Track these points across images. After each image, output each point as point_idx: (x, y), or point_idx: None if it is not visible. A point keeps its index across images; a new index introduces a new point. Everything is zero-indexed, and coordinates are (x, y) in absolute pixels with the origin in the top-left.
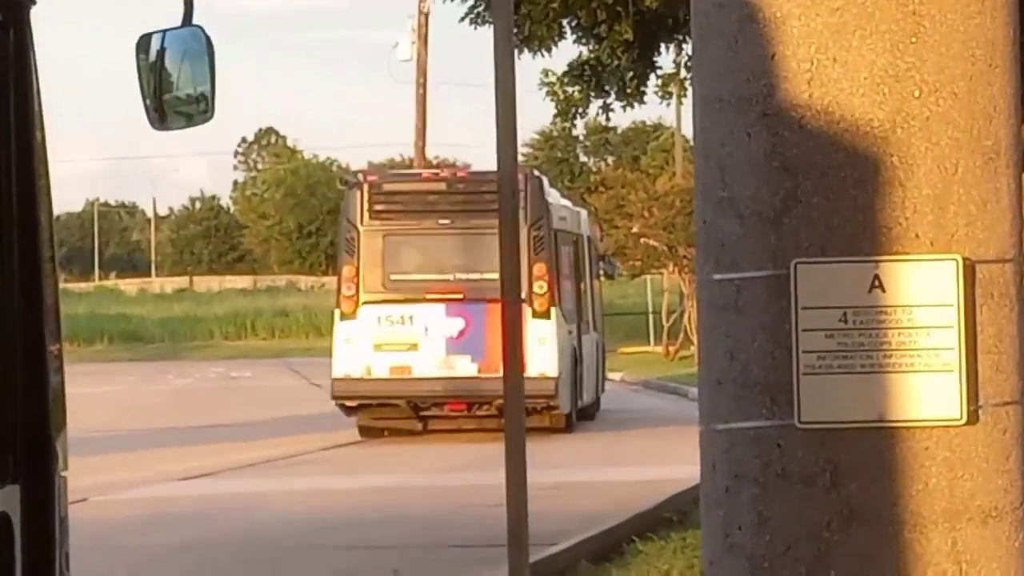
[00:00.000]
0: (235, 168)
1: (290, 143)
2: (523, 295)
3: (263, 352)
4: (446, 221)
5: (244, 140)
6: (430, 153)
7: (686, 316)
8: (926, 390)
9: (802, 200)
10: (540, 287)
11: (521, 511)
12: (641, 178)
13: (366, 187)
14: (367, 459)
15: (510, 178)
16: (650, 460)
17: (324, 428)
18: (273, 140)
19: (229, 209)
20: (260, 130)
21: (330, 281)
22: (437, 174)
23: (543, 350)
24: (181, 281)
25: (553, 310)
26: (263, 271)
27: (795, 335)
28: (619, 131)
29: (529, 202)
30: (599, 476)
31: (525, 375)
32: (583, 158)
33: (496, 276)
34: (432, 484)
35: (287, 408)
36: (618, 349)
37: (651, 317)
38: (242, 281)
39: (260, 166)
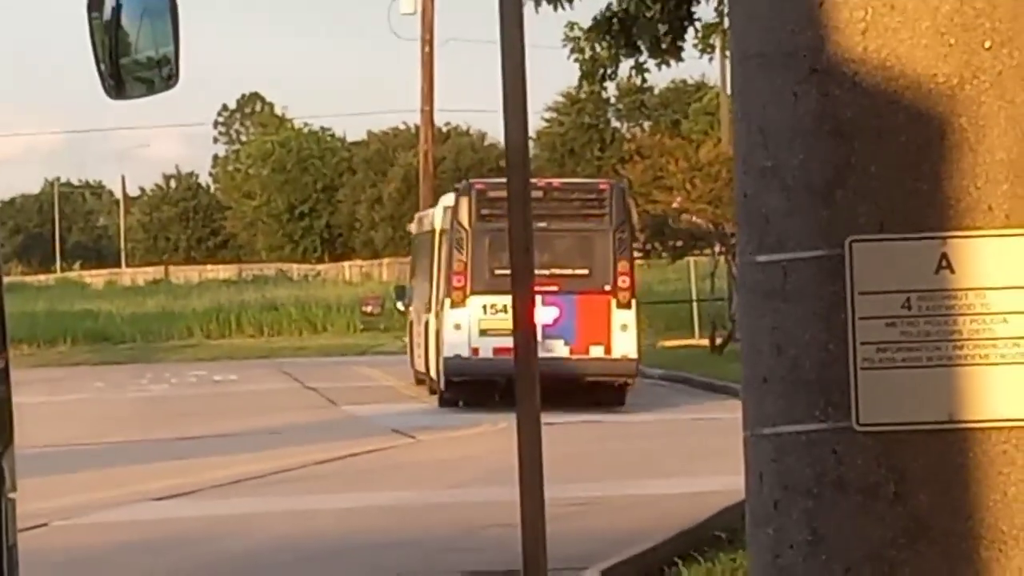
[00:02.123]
0: (215, 141)
1: (278, 111)
2: (609, 288)
3: (250, 352)
4: (542, 224)
5: (225, 108)
6: (439, 120)
7: (735, 304)
8: (1003, 385)
9: (857, 169)
10: (623, 282)
11: (538, 528)
12: (682, 145)
13: (474, 194)
14: (372, 473)
15: (519, 150)
16: (694, 469)
17: (321, 438)
18: (258, 108)
19: (209, 188)
20: (243, 96)
21: (327, 269)
22: (535, 183)
23: (625, 336)
24: (155, 272)
25: (634, 301)
26: (249, 259)
27: (851, 324)
28: (656, 92)
29: (613, 208)
30: (635, 489)
31: (611, 357)
32: (615, 123)
33: (586, 271)
34: (448, 500)
35: (279, 416)
36: (657, 342)
37: (695, 305)
38: (225, 271)
39: (244, 138)
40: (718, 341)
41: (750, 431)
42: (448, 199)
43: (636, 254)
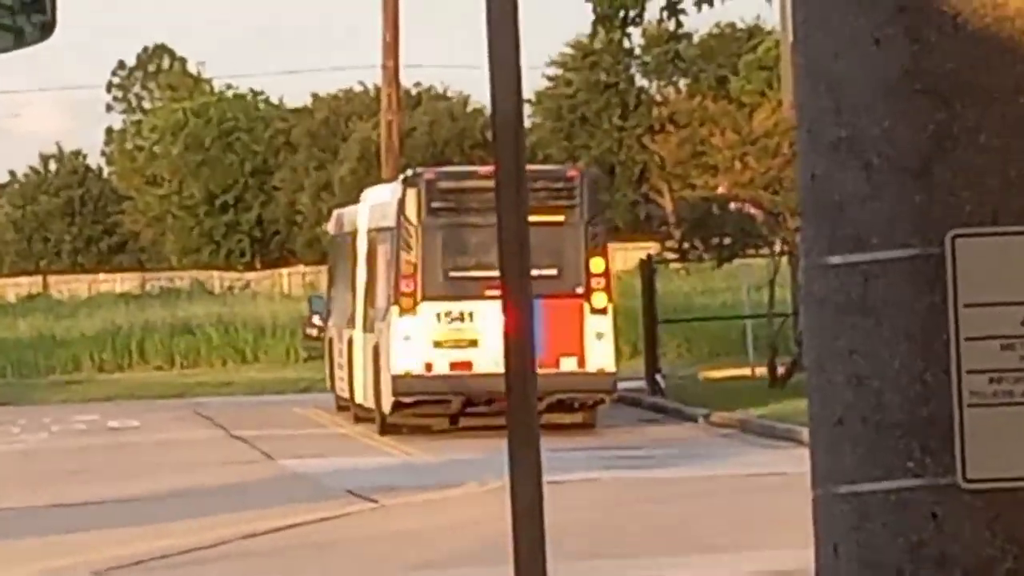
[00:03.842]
0: (108, 109)
1: (192, 68)
2: (581, 290)
3: (157, 389)
4: None
5: (121, 66)
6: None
7: (801, 321)
8: None
9: (961, 140)
10: (598, 283)
11: None
12: (730, 111)
13: (423, 185)
14: (320, 550)
15: (510, 117)
16: (749, 541)
17: (252, 503)
18: (165, 64)
19: (101, 172)
20: (145, 50)
21: (258, 279)
22: (494, 170)
23: (601, 345)
24: (30, 283)
25: (610, 306)
26: (155, 266)
27: (955, 347)
28: (695, 40)
29: (585, 199)
30: (671, 568)
31: (584, 370)
32: (641, 81)
33: (554, 272)
34: None
35: (195, 474)
36: (700, 372)
37: (749, 324)
38: (124, 281)
39: (147, 105)
40: (779, 370)
41: (822, 489)
42: (377, 193)
43: (671, 255)
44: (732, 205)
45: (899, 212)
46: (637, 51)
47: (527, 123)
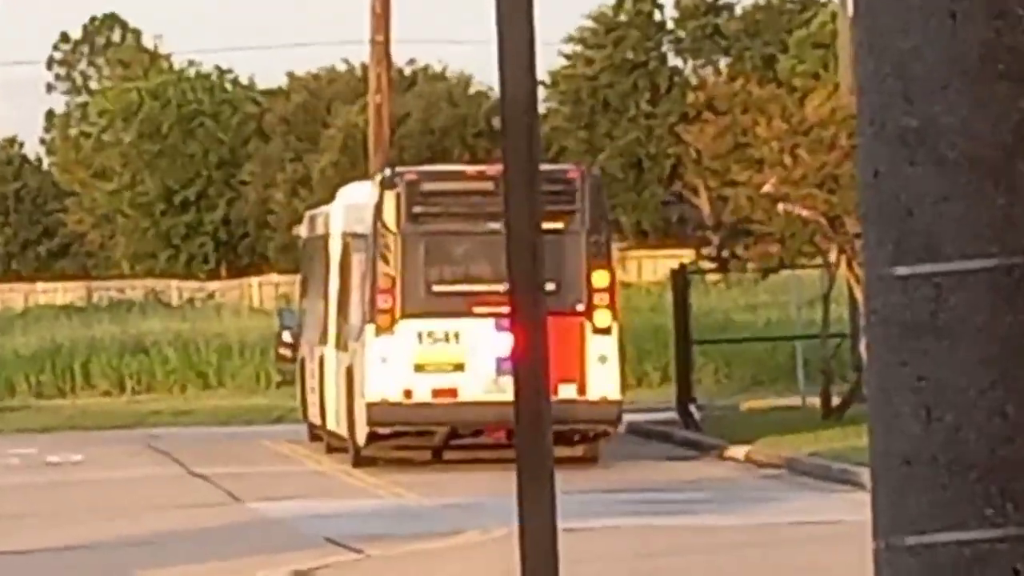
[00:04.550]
0: (49, 90)
1: (147, 42)
2: (582, 308)
3: (105, 419)
4: (493, 225)
5: (65, 39)
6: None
7: (862, 343)
8: None
9: None
10: (601, 299)
11: None
12: (779, 96)
13: (404, 187)
14: None
15: (522, 102)
16: None
17: (216, 553)
18: (116, 37)
19: (40, 163)
20: (93, 20)
21: (224, 289)
22: (483, 172)
23: (605, 370)
24: None
25: (614, 325)
26: (103, 273)
27: None
28: (738, 12)
29: (587, 204)
30: None
31: (585, 398)
32: (674, 61)
33: (551, 286)
34: None
35: (150, 518)
36: (742, 402)
37: (799, 345)
38: (67, 291)
39: (94, 84)
40: (835, 400)
41: (884, 541)
42: (352, 193)
43: (708, 264)
44: (780, 206)
45: (977, 216)
46: (669, 25)
47: (541, 109)
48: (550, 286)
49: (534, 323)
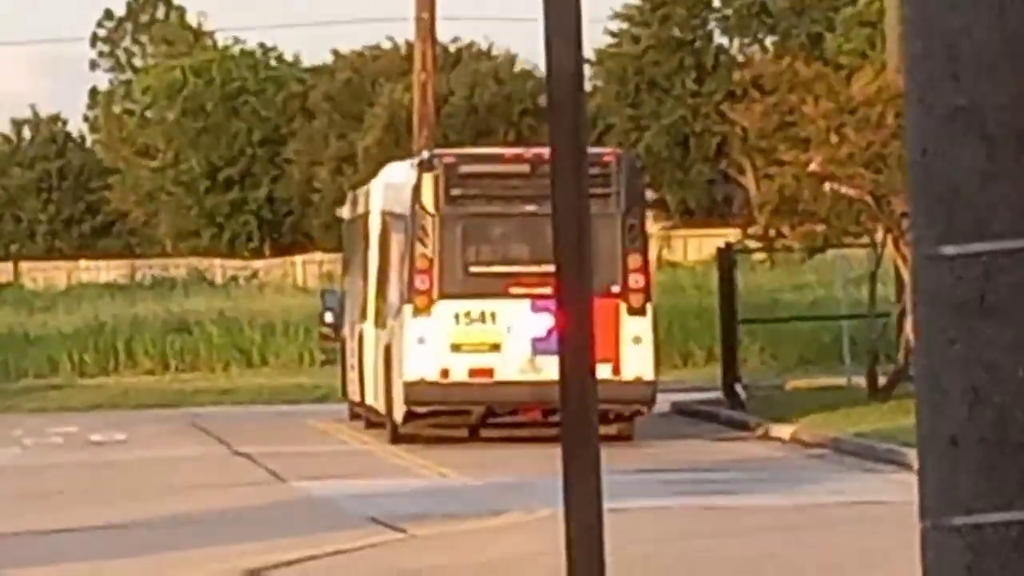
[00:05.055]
0: (93, 67)
1: (191, 19)
2: (617, 289)
3: (148, 398)
4: (530, 208)
5: (109, 16)
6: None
7: (909, 323)
8: None
9: None
10: (636, 281)
11: None
12: (825, 74)
13: (442, 169)
14: None
15: (568, 81)
16: None
17: (260, 533)
18: (161, 14)
19: (84, 141)
20: None
21: (268, 268)
22: (520, 155)
23: (638, 351)
24: None
25: (649, 306)
26: (147, 251)
27: None
28: None
29: (623, 187)
30: None
31: (619, 378)
32: (721, 39)
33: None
34: None
35: (193, 497)
36: (787, 382)
37: (845, 325)
38: (110, 269)
39: (138, 62)
40: (881, 380)
41: (931, 521)
42: (393, 172)
43: (754, 243)
44: (827, 185)
45: None
46: (716, 3)
47: (587, 87)
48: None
49: (581, 303)
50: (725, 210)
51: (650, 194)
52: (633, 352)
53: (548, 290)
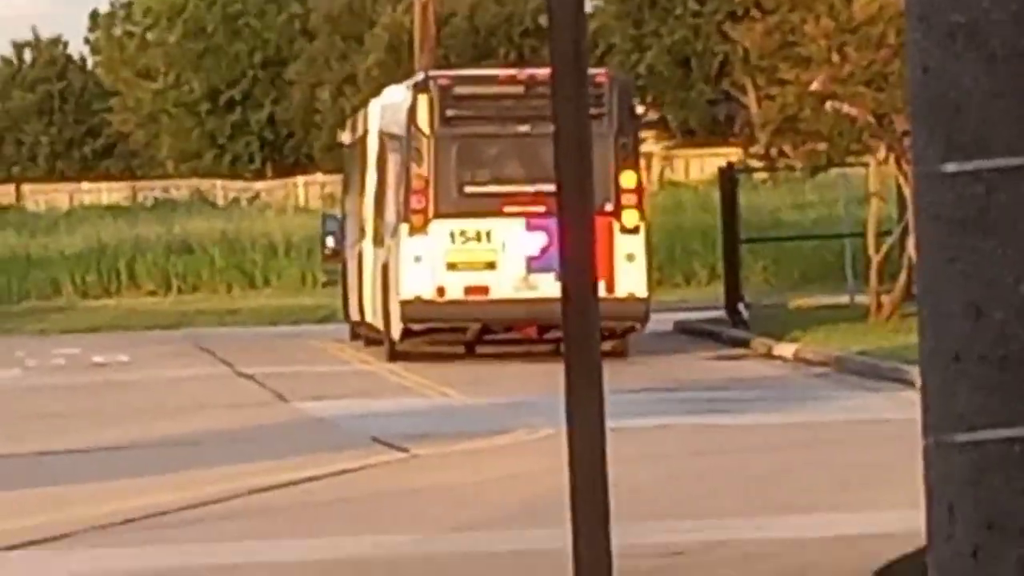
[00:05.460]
0: None
1: None
2: (610, 208)
3: (150, 319)
4: (523, 128)
5: None
6: None
7: (911, 241)
8: None
9: None
10: (629, 199)
11: None
12: None
13: (436, 90)
14: (341, 506)
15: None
16: (846, 500)
17: (262, 452)
18: None
19: (85, 63)
20: None
21: (270, 189)
22: (514, 76)
23: (631, 268)
24: (1, 192)
25: (642, 225)
26: (149, 173)
27: None
28: None
29: (614, 107)
30: (753, 530)
31: (612, 295)
32: None
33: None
34: (460, 548)
35: (195, 418)
36: (790, 300)
37: (848, 244)
38: (111, 191)
39: None
40: (883, 299)
41: (934, 438)
42: (390, 94)
43: (756, 162)
44: (828, 104)
45: None
46: None
47: (587, 7)
48: None
49: (583, 223)
50: (727, 130)
51: (652, 114)
52: (626, 269)
53: (542, 209)
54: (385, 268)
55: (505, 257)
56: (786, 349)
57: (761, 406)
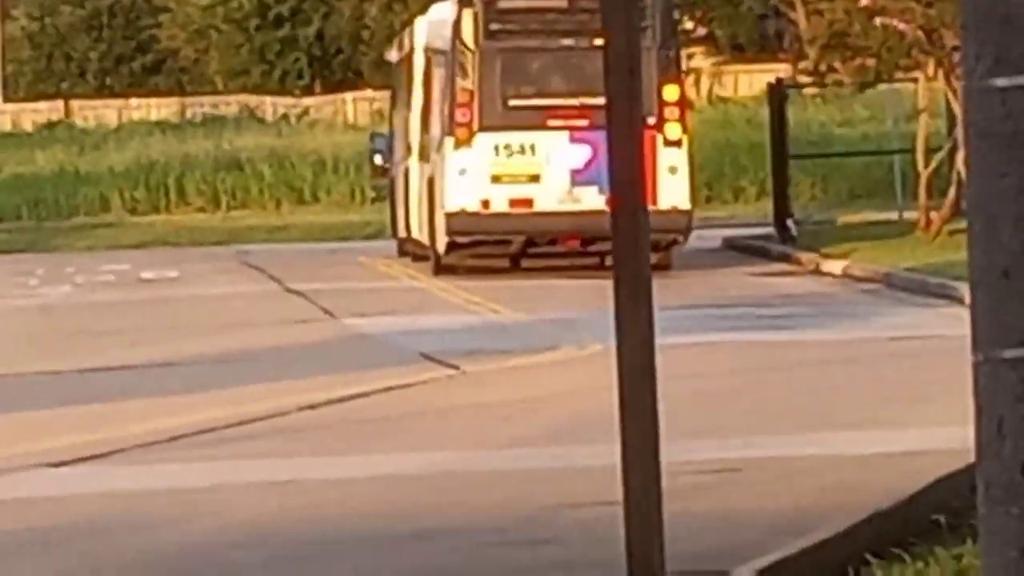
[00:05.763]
0: None
1: None
2: (653, 121)
3: (199, 235)
4: (567, 42)
5: None
6: None
7: (960, 158)
8: None
9: None
10: (671, 113)
11: (650, 509)
12: None
13: (480, 5)
14: (391, 424)
15: None
16: (894, 416)
17: (312, 369)
18: None
19: None
20: None
21: (319, 105)
22: None
23: (674, 181)
24: (49, 109)
25: (685, 138)
26: (197, 89)
27: None
28: None
29: (657, 20)
30: (800, 446)
31: (656, 207)
32: None
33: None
34: (509, 466)
35: (244, 334)
36: (839, 216)
37: (897, 160)
38: (160, 107)
39: None
40: (933, 215)
41: (984, 354)
42: (437, 10)
43: (804, 78)
44: (877, 19)
45: None
46: None
47: None
48: None
49: (631, 135)
50: (776, 45)
51: (700, 29)
52: (669, 182)
53: (586, 123)
54: (431, 182)
55: (549, 170)
56: (834, 265)
57: (809, 322)
